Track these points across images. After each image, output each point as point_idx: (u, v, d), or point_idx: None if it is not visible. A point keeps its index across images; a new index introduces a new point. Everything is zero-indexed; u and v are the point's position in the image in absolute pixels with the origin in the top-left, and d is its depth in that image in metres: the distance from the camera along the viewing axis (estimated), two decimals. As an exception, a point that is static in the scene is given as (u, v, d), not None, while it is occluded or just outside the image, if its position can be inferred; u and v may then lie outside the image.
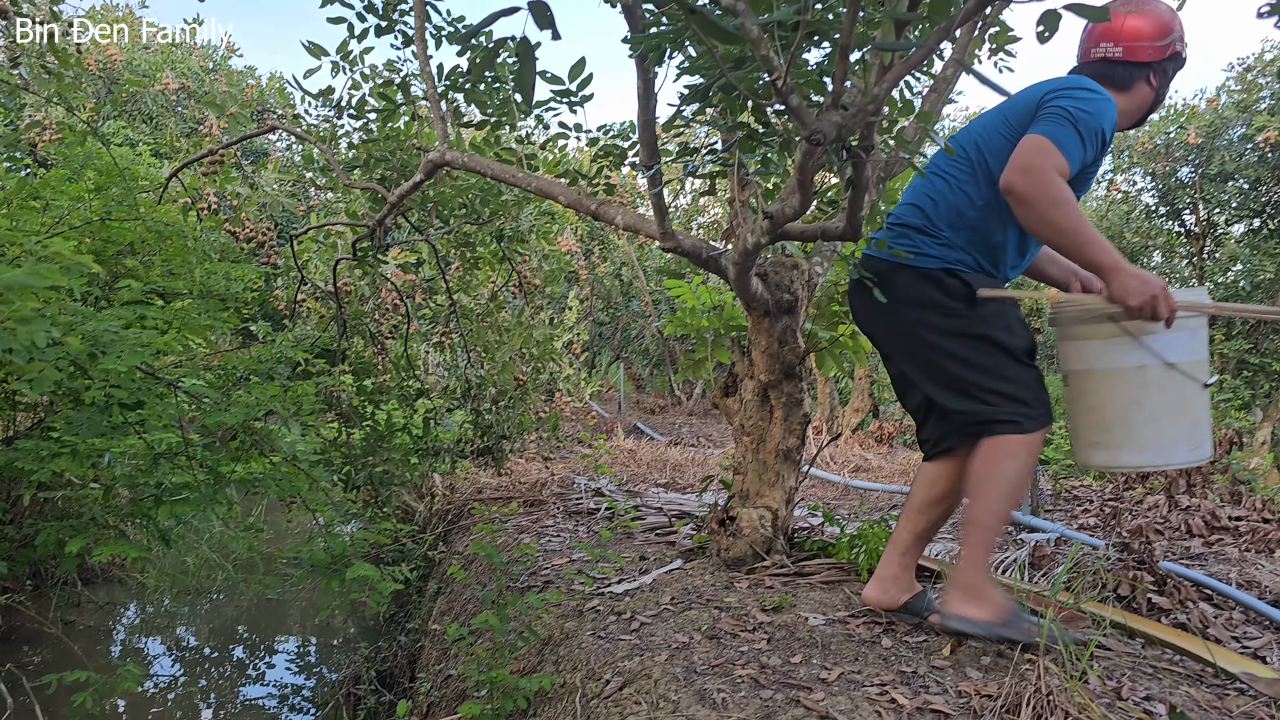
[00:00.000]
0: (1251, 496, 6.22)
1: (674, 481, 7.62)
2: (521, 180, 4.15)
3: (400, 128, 5.04)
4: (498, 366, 6.77)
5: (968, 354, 2.87)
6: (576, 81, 3.94)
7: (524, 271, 6.74)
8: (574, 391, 9.67)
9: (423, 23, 4.16)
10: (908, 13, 1.92)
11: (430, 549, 6.72)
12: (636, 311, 16.12)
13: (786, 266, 4.13)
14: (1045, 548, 4.75)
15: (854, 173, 2.72)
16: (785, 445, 4.22)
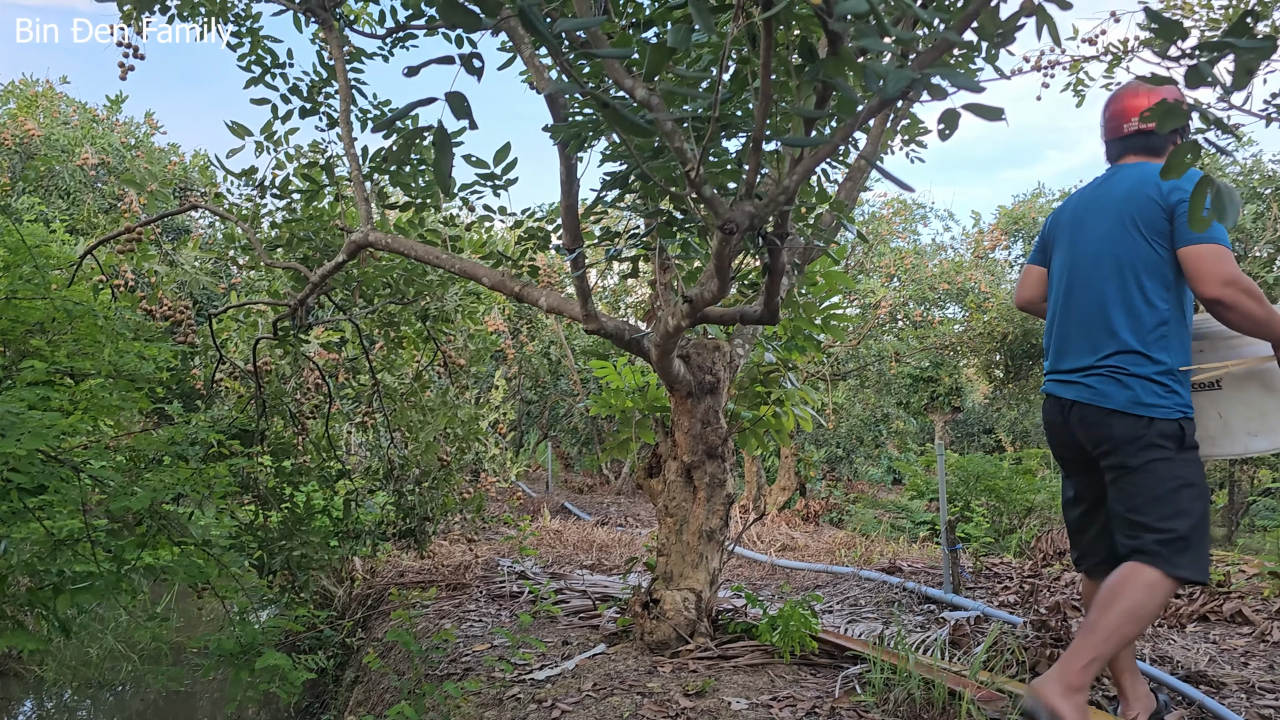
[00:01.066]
0: (1163, 572, 6.37)
1: (600, 563, 7.55)
2: (445, 262, 4.16)
3: (324, 208, 5.03)
4: (421, 447, 6.68)
5: (1176, 497, 2.93)
6: (501, 165, 4.00)
7: (449, 351, 6.70)
8: (500, 471, 9.57)
9: (348, 106, 4.20)
10: (815, 110, 2.00)
11: (349, 635, 6.52)
12: (565, 390, 16.11)
13: (709, 348, 4.19)
14: (965, 626, 4.80)
15: (770, 259, 2.79)
16: (709, 526, 4.22)
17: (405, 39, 4.41)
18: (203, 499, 3.94)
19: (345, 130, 4.16)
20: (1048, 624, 4.72)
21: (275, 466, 6.24)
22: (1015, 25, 2.00)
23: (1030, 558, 7.81)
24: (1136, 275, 3.00)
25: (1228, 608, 5.13)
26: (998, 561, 7.81)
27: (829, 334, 4.65)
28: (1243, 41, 1.82)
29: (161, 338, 5.47)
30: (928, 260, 15.54)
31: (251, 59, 4.63)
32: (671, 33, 1.81)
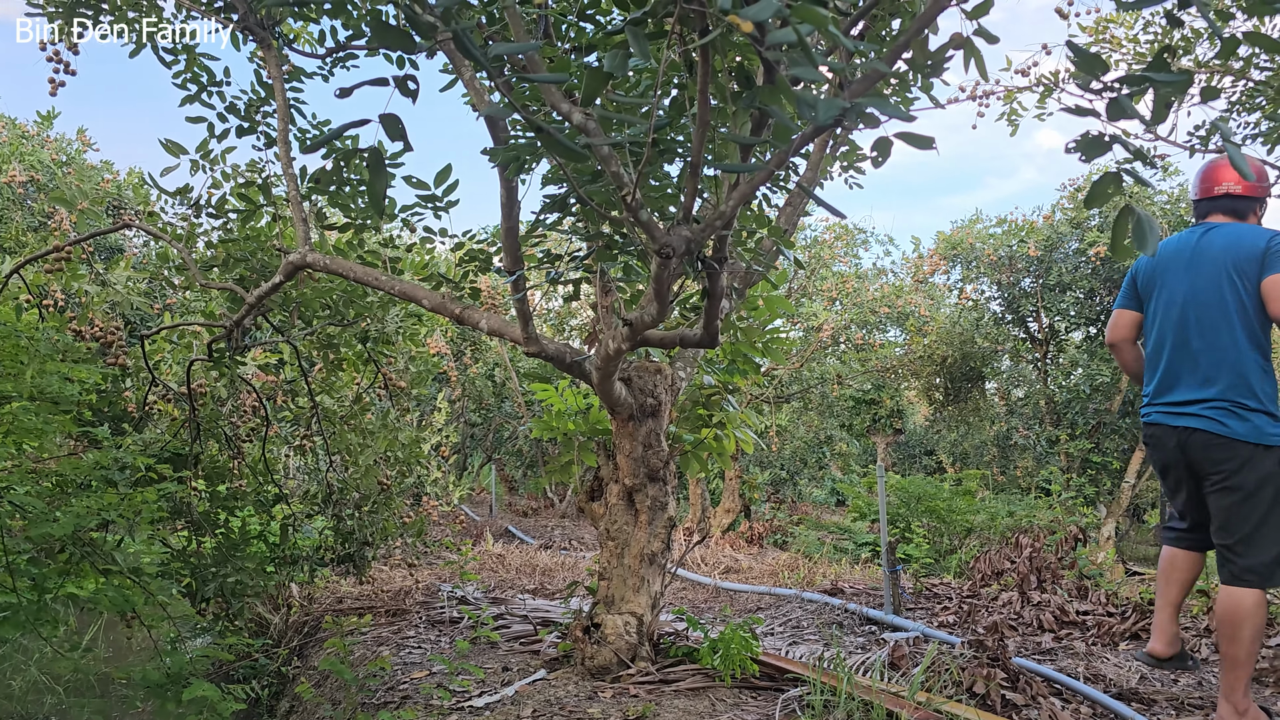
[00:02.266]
0: (1097, 591, 6.50)
1: (543, 587, 7.49)
2: (385, 284, 4.12)
3: (261, 228, 4.96)
4: (361, 470, 6.58)
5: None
6: (442, 187, 3.98)
7: (390, 373, 6.63)
8: (442, 495, 9.45)
9: (286, 125, 4.15)
10: (751, 136, 2.02)
11: (284, 664, 6.37)
12: (509, 413, 16.00)
13: (650, 371, 4.20)
14: (904, 647, 4.84)
15: (709, 283, 2.81)
16: (650, 549, 4.21)
17: (345, 59, 4.37)
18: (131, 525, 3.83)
19: (283, 150, 4.11)
20: (985, 644, 4.77)
21: (209, 491, 6.10)
22: (944, 57, 2.04)
23: (969, 578, 7.90)
24: (1243, 318, 3.46)
25: (1158, 626, 5.23)
26: (938, 582, 7.90)
27: (770, 357, 4.69)
28: (1160, 76, 1.88)
29: (91, 359, 5.34)
30: (869, 284, 15.75)
31: (187, 76, 4.56)
32: (608, 58, 1.82)
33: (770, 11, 1.40)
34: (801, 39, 1.43)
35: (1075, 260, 14.84)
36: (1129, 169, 2.13)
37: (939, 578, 8.75)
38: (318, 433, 6.54)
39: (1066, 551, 7.94)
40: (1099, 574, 7.43)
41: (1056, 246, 15.06)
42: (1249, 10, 2.05)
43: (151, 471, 4.59)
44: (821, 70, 2.18)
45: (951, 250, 16.21)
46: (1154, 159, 10.98)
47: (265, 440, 6.36)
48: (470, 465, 19.09)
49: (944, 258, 16.29)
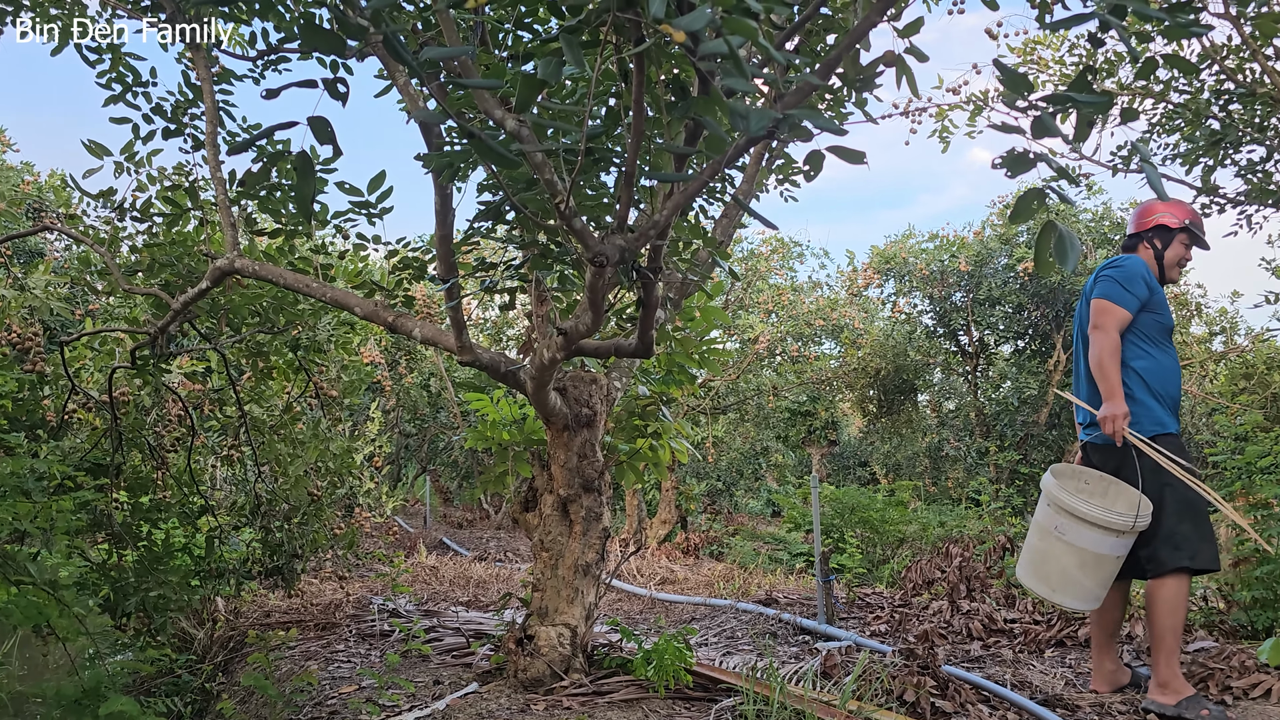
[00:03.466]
0: (1024, 599, 6.63)
1: (476, 599, 7.41)
2: (316, 290, 4.05)
3: (189, 232, 4.84)
4: (291, 481, 6.45)
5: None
6: (376, 193, 3.93)
7: (321, 382, 6.52)
8: (375, 506, 9.31)
9: (215, 128, 4.06)
10: (685, 146, 2.03)
11: (208, 680, 6.21)
12: (445, 423, 15.85)
13: (585, 381, 4.18)
14: (836, 656, 4.88)
15: (644, 293, 2.81)
16: (584, 560, 4.19)
17: (277, 62, 4.30)
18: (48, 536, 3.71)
19: (211, 153, 4.02)
20: (915, 652, 4.84)
21: (131, 503, 5.93)
22: (875, 72, 2.07)
23: (901, 587, 8.01)
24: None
25: (1082, 633, 5.36)
26: (870, 591, 7.99)
27: (706, 368, 4.71)
28: (1082, 97, 1.93)
29: (7, 365, 5.16)
30: (804, 297, 15.93)
31: (112, 76, 4.44)
32: (541, 65, 1.81)
33: (703, 22, 1.41)
34: (733, 50, 1.44)
35: (1004, 275, 15.19)
36: (1053, 186, 2.18)
37: (872, 587, 8.85)
38: (246, 442, 6.40)
39: (995, 560, 8.09)
40: (1026, 582, 7.58)
41: (986, 262, 15.40)
42: (1166, 34, 2.11)
43: (69, 481, 4.45)
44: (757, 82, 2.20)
45: (885, 264, 16.49)
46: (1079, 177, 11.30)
47: (191, 450, 6.21)
48: (404, 476, 18.86)
49: (878, 272, 16.56)
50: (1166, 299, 4.01)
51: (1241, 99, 6.87)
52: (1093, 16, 1.90)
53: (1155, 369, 3.89)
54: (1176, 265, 4.05)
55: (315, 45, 1.63)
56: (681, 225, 3.43)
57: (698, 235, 2.89)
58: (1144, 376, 3.88)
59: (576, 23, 1.97)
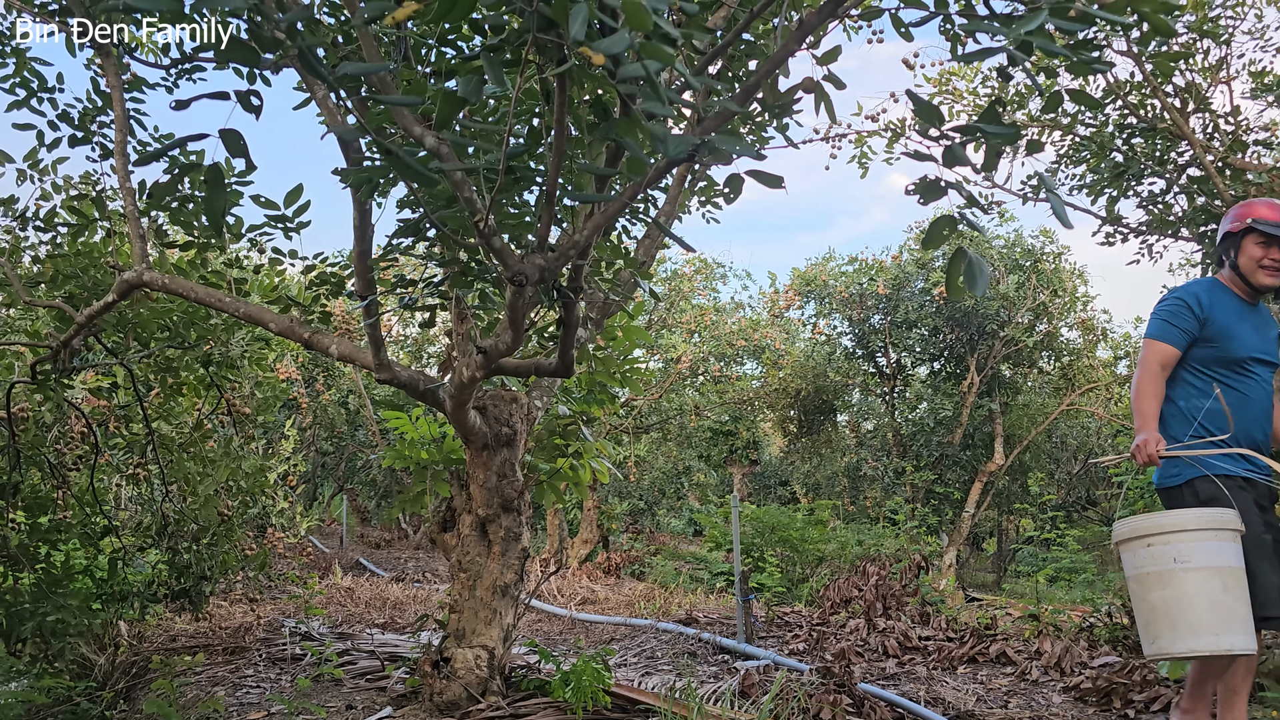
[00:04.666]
0: (938, 617, 6.76)
1: (393, 621, 7.28)
2: (229, 305, 3.95)
3: (95, 244, 4.69)
4: (200, 500, 6.25)
5: None
6: (293, 207, 3.85)
7: (234, 399, 6.35)
8: (289, 526, 9.08)
9: (124, 136, 3.95)
10: (606, 168, 2.03)
11: (109, 708, 5.96)
12: (363, 441, 15.56)
13: (506, 400, 4.15)
14: (754, 675, 4.91)
15: (564, 312, 2.80)
16: (503, 581, 4.15)
17: (192, 71, 4.20)
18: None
19: (120, 162, 3.90)
20: (832, 670, 4.89)
21: (29, 523, 5.68)
22: (793, 99, 2.11)
23: (820, 606, 8.10)
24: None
25: (994, 649, 5.48)
26: (789, 610, 8.06)
27: (628, 387, 4.71)
28: (991, 128, 1.99)
29: (-104, 380, 4.92)
30: (727, 318, 16.09)
31: (15, 81, 4.28)
32: (461, 83, 1.80)
33: (622, 46, 1.42)
34: (650, 75, 1.45)
35: (921, 299, 15.55)
36: (964, 213, 2.24)
37: (791, 606, 8.93)
38: (153, 461, 6.19)
39: (911, 579, 8.23)
40: (940, 600, 7.74)
41: (904, 285, 15.75)
42: (1071, 70, 2.19)
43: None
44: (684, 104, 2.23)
45: (806, 286, 16.74)
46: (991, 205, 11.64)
47: (94, 469, 5.98)
48: (321, 495, 18.46)
49: (799, 293, 16.80)
50: (1243, 325, 3.50)
51: (1143, 133, 7.17)
52: (1001, 51, 1.96)
53: (1203, 405, 3.45)
54: (1260, 270, 3.47)
55: (230, 56, 1.60)
56: (603, 245, 3.44)
57: (619, 255, 2.89)
58: (1188, 415, 3.48)
59: (498, 42, 1.97)
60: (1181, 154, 7.13)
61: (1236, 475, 3.34)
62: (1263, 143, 7.43)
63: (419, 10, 1.52)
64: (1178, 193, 7.38)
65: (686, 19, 1.93)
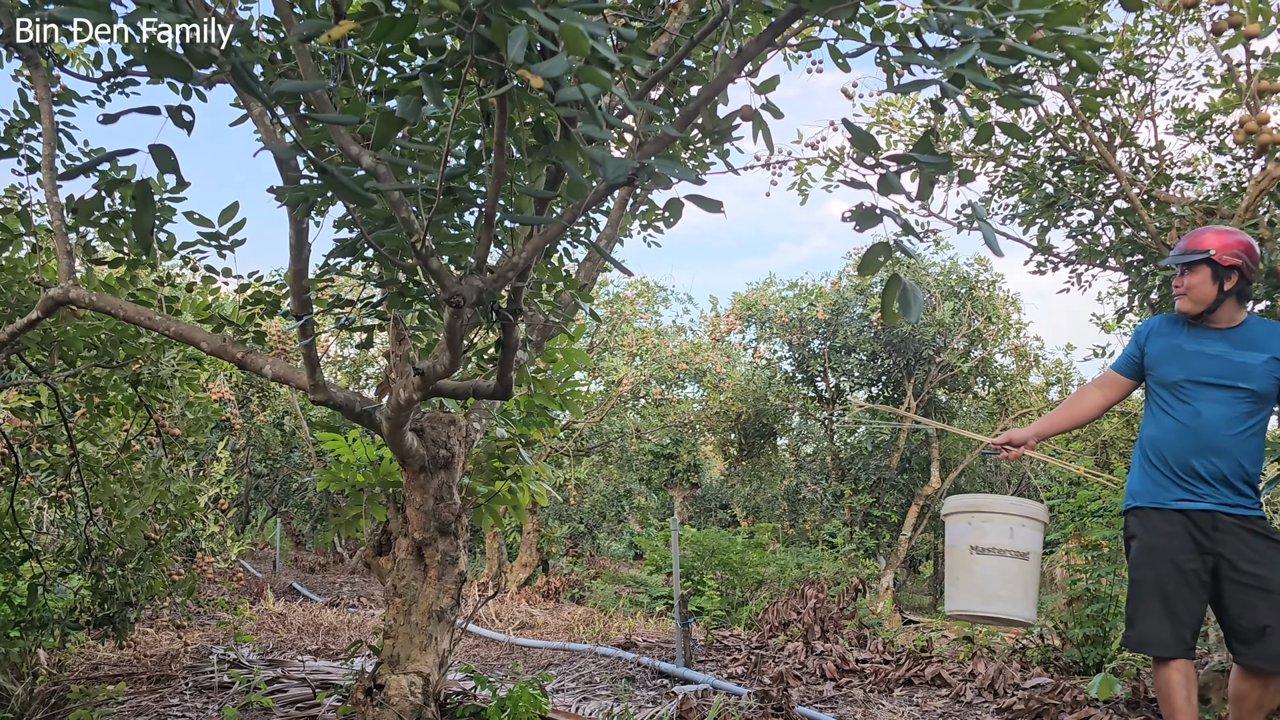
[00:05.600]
0: (875, 639, 6.82)
1: (326, 647, 7.13)
2: (159, 324, 3.86)
3: (20, 259, 4.55)
4: (126, 524, 6.08)
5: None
6: (228, 225, 3.78)
7: (163, 420, 6.19)
8: (220, 550, 8.87)
9: (53, 150, 3.84)
10: (546, 190, 2.03)
11: (26, 740, 5.75)
12: (299, 463, 15.28)
13: (444, 422, 4.11)
14: (693, 700, 4.90)
15: (503, 334, 2.79)
16: (439, 605, 4.09)
17: (125, 84, 4.11)
18: None
19: (48, 176, 3.79)
20: (770, 694, 4.90)
21: (-57, 548, 5.48)
22: (731, 126, 2.14)
23: (758, 629, 8.12)
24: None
25: (929, 671, 5.54)
26: (729, 634, 8.07)
27: (568, 410, 4.70)
28: (924, 157, 2.03)
29: None
30: (668, 341, 16.15)
31: (-61, 91, 4.17)
32: (400, 103, 1.79)
33: (561, 69, 1.42)
34: (588, 99, 1.45)
35: (860, 324, 15.78)
36: (899, 241, 2.28)
37: (730, 629, 8.94)
38: (78, 483, 6.01)
39: (848, 602, 8.30)
40: (878, 623, 7.82)
41: (843, 311, 15.97)
42: (1002, 103, 2.25)
43: None
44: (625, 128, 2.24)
45: (747, 311, 16.88)
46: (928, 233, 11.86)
47: (14, 491, 5.78)
48: (254, 518, 18.07)
49: (739, 318, 16.93)
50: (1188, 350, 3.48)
51: (1073, 166, 7.37)
52: (934, 83, 2.00)
53: (1148, 433, 3.54)
54: (1179, 297, 3.53)
55: (161, 70, 1.57)
56: (544, 267, 3.43)
57: (560, 277, 2.89)
58: (1140, 444, 3.58)
59: (438, 63, 1.96)
60: (1109, 186, 7.34)
61: (1167, 507, 3.39)
62: (1185, 177, 7.68)
63: (356, 30, 1.50)
64: (1105, 224, 7.59)
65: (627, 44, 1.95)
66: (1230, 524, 3.34)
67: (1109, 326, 12.12)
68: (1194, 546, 3.34)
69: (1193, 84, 7.38)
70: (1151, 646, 3.32)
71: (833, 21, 2.14)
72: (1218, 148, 7.19)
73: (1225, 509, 3.35)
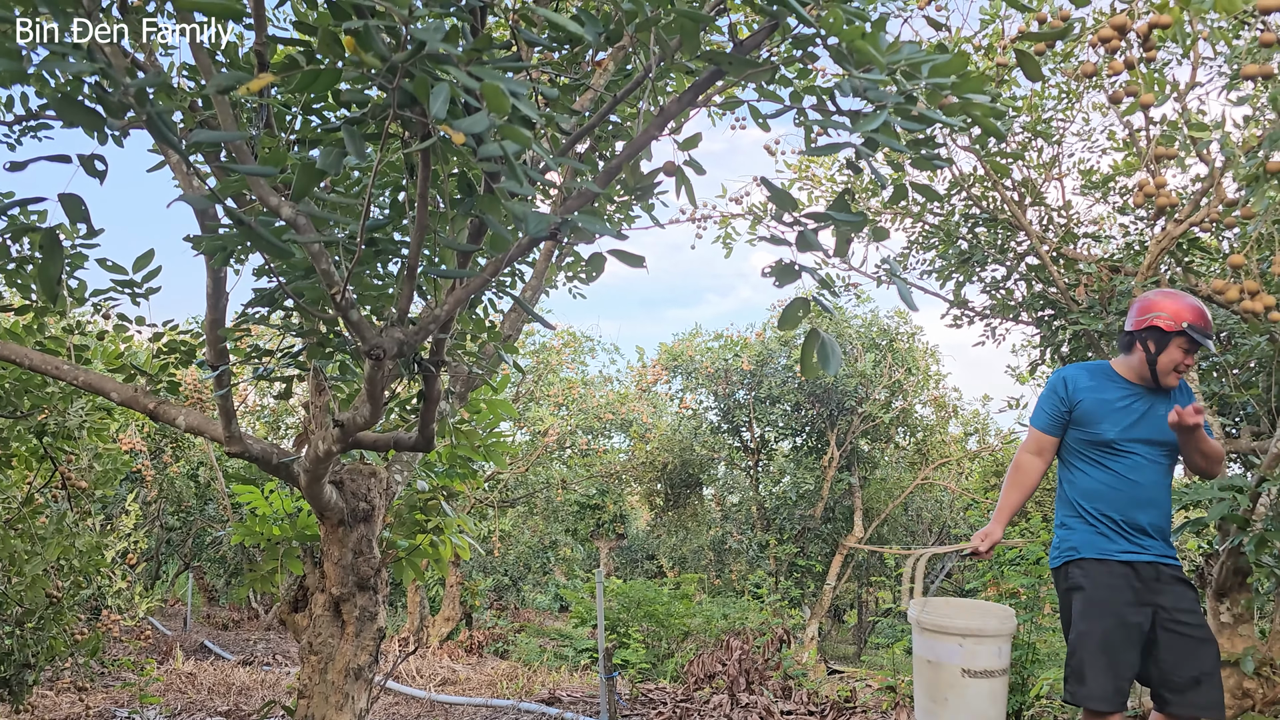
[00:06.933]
0: (800, 690, 6.82)
1: (238, 708, 6.88)
2: (67, 373, 3.74)
3: (-81, 305, 4.37)
4: (27, 581, 5.81)
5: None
6: (142, 272, 3.70)
7: (69, 472, 5.97)
8: (127, 607, 8.52)
9: (-42, 194, 3.73)
10: (468, 244, 2.04)
11: (-92, 815, 5.41)
12: (213, 516, 14.81)
13: (364, 474, 4.04)
14: (617, 756, 4.83)
15: (425, 386, 2.76)
16: (357, 663, 3.99)
17: (37, 129, 4.01)
18: None
19: (-48, 220, 3.67)
20: (694, 749, 4.86)
21: None
22: (654, 182, 2.17)
23: (684, 682, 8.07)
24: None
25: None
26: (654, 687, 8.00)
27: (492, 461, 4.65)
28: (840, 216, 2.09)
29: None
30: (595, 391, 16.14)
31: None
32: (321, 155, 1.78)
33: (483, 126, 1.44)
34: (508, 155, 1.47)
35: (784, 375, 15.98)
36: (818, 296, 2.33)
37: (655, 682, 8.86)
38: (-25, 538, 5.74)
39: (774, 653, 8.30)
40: (803, 674, 7.82)
41: (767, 362, 16.17)
42: (915, 165, 2.33)
43: None
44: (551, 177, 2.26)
45: (673, 361, 16.99)
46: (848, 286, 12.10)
47: (-94, 547, 5.50)
48: (165, 573, 17.43)
49: (666, 368, 17.02)
50: (1118, 406, 3.48)
51: (986, 223, 7.63)
52: (847, 146, 2.07)
53: (1083, 487, 3.51)
54: (1173, 372, 3.44)
55: (72, 119, 1.54)
56: (467, 318, 3.42)
57: (483, 329, 2.88)
58: (1070, 498, 3.55)
59: (361, 115, 1.96)
60: (1020, 243, 7.62)
61: (1110, 559, 3.39)
62: (1092, 235, 8.01)
63: (277, 81, 1.50)
64: (1017, 279, 7.86)
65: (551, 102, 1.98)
66: (1169, 574, 3.39)
67: (1023, 378, 12.49)
68: (1135, 599, 3.36)
69: (1097, 147, 7.74)
70: (1095, 701, 3.27)
71: (753, 84, 2.19)
72: (1121, 208, 7.52)
73: (1165, 560, 3.40)
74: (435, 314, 2.14)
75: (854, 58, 1.93)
